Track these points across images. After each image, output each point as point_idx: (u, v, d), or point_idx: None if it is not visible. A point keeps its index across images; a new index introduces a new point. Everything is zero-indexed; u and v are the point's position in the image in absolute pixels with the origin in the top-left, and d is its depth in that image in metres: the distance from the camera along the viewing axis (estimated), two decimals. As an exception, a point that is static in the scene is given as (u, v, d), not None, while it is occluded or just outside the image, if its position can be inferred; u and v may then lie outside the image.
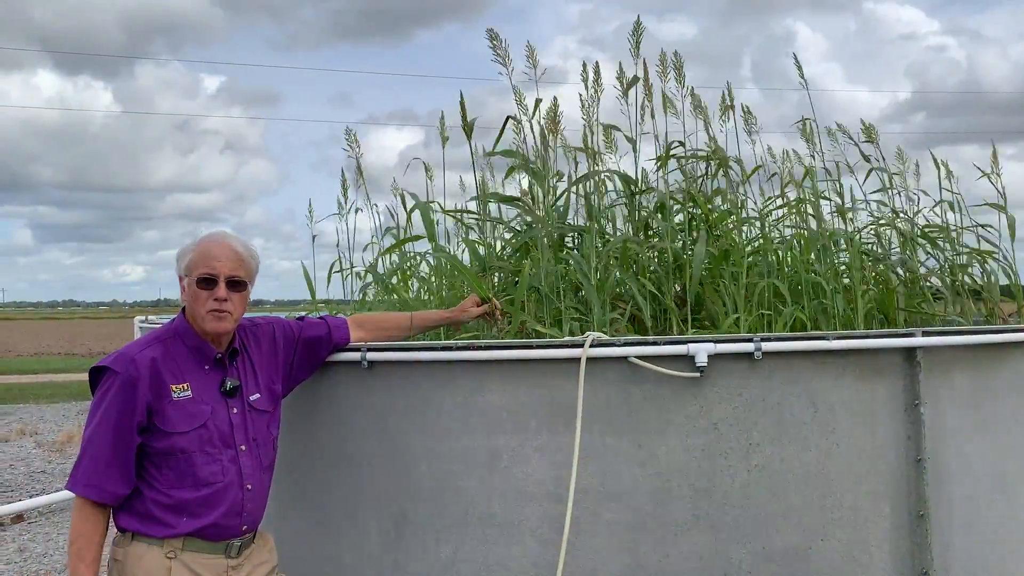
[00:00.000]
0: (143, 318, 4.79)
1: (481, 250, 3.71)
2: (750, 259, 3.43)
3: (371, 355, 2.78)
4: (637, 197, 3.57)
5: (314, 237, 3.89)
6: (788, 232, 3.77)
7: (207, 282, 2.42)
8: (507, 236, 3.82)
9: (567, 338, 2.73)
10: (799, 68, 3.51)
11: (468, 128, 3.32)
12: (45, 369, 23.75)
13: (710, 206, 3.66)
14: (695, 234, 3.39)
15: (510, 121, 3.40)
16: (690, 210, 3.59)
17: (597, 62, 3.39)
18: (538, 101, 3.34)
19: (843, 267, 3.61)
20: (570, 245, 3.65)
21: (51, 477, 9.03)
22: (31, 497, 7.95)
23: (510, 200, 3.67)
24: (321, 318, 2.87)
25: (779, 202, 3.81)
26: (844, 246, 3.62)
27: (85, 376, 2.56)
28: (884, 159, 3.79)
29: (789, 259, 3.60)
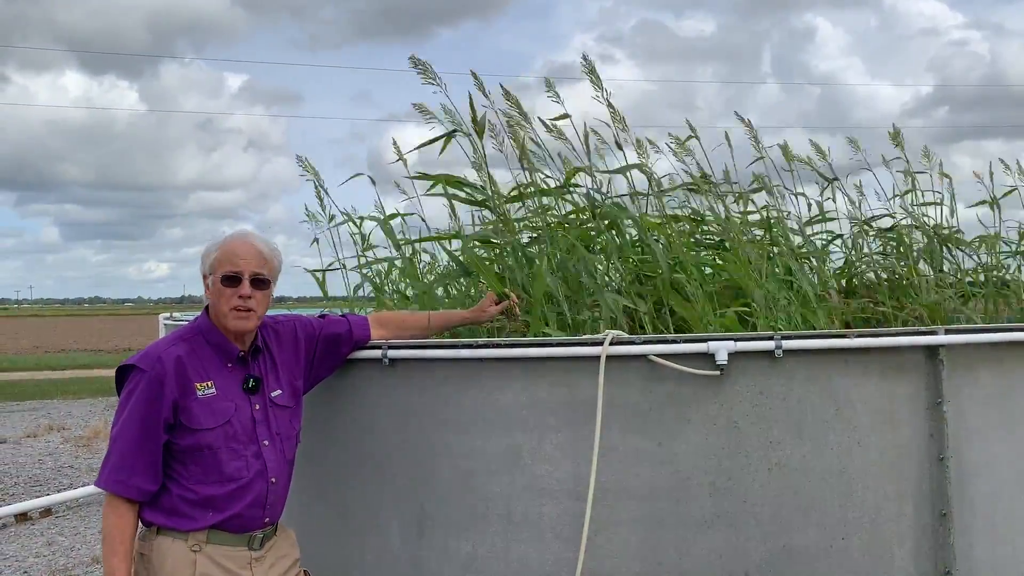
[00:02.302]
0: (168, 315, 4.84)
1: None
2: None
3: (392, 353, 2.80)
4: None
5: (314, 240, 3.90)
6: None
7: (231, 280, 2.45)
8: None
9: (587, 336, 2.73)
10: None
11: (480, 128, 3.31)
12: (72, 365, 24.06)
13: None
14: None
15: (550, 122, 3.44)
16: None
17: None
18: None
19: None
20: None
21: (78, 472, 9.16)
22: (59, 491, 8.07)
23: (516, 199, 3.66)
24: (343, 316, 2.89)
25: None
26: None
27: (111, 372, 2.60)
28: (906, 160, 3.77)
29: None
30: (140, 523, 2.43)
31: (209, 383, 2.44)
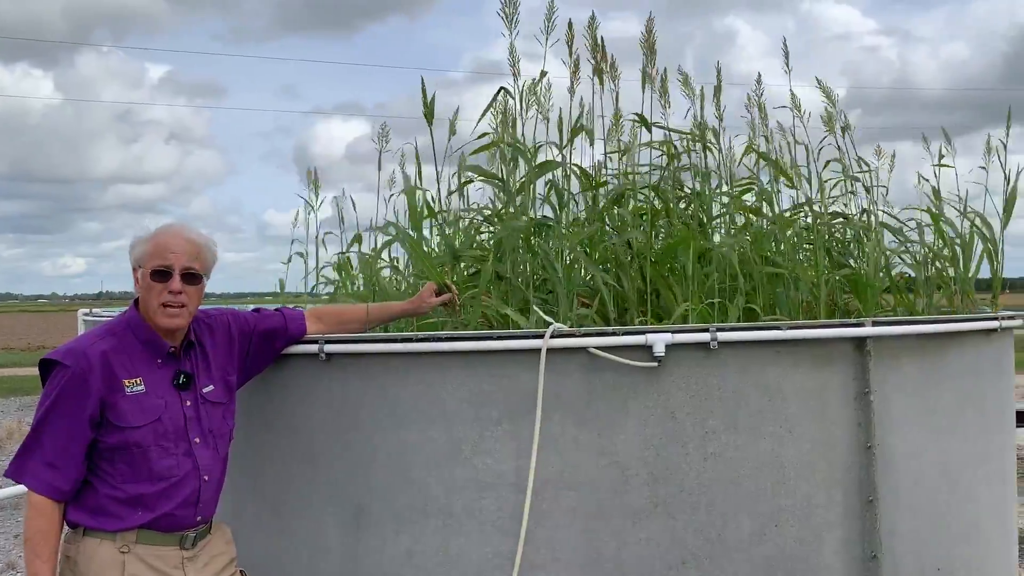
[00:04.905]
0: (87, 311, 4.66)
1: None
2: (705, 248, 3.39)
3: (329, 347, 2.75)
4: (596, 189, 3.55)
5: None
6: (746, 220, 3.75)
7: (161, 275, 2.38)
8: (479, 223, 3.75)
9: (527, 329, 2.73)
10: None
11: (429, 113, 3.25)
12: (-19, 364, 23.01)
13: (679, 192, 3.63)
14: (655, 224, 3.39)
15: (501, 95, 3.36)
16: (651, 200, 3.58)
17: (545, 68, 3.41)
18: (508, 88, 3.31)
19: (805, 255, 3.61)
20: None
21: (-10, 475, 8.77)
22: (-31, 495, 7.71)
23: (490, 176, 3.57)
24: (278, 310, 2.83)
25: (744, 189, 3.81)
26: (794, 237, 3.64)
27: (24, 371, 2.50)
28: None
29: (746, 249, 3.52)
30: (65, 524, 2.34)
31: (138, 380, 2.37)
